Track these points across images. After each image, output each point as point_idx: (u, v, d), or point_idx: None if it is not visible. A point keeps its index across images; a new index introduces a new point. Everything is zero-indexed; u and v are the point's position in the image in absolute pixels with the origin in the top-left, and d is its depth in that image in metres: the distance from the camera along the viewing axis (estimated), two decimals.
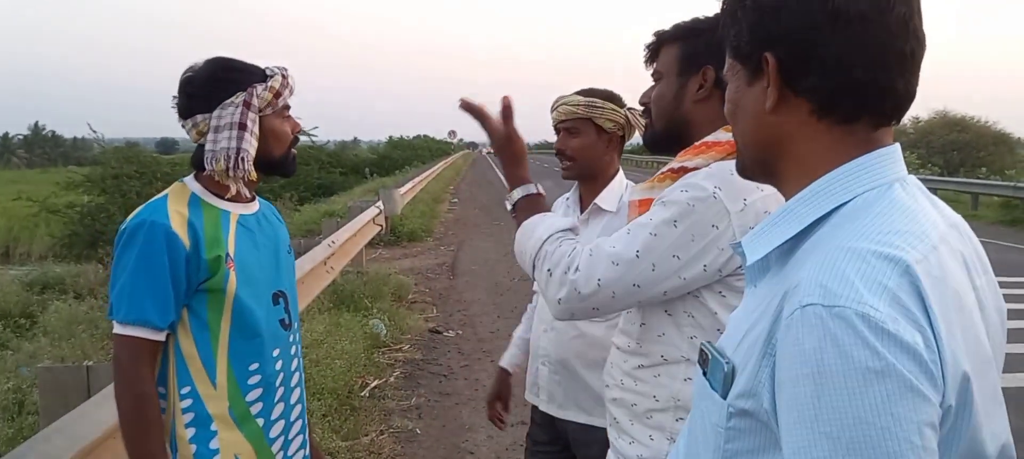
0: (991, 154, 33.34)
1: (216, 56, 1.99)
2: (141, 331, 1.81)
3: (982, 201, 20.83)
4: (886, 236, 0.89)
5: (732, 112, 1.11)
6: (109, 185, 18.38)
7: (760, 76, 1.02)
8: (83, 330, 7.27)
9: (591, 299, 1.64)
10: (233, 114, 1.91)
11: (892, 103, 0.98)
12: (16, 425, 4.79)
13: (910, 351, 0.81)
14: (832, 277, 0.85)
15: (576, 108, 2.44)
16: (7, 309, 9.78)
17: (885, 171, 0.98)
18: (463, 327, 7.89)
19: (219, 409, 1.90)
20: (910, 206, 0.95)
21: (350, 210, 11.42)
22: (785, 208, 1.02)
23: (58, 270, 13.40)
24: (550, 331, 2.48)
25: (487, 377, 6.23)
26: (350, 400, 5.45)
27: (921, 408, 0.81)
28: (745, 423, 0.94)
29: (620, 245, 1.63)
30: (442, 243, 14.44)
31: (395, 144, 62.21)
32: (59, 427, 2.49)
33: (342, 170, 35.32)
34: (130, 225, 1.84)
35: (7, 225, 28.73)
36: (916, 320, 0.83)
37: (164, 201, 1.89)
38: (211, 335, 1.90)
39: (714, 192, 1.58)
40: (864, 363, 0.80)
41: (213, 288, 1.88)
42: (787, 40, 0.98)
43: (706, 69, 1.75)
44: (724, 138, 1.69)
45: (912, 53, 0.97)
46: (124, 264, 1.83)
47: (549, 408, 2.50)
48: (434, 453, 4.83)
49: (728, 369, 0.96)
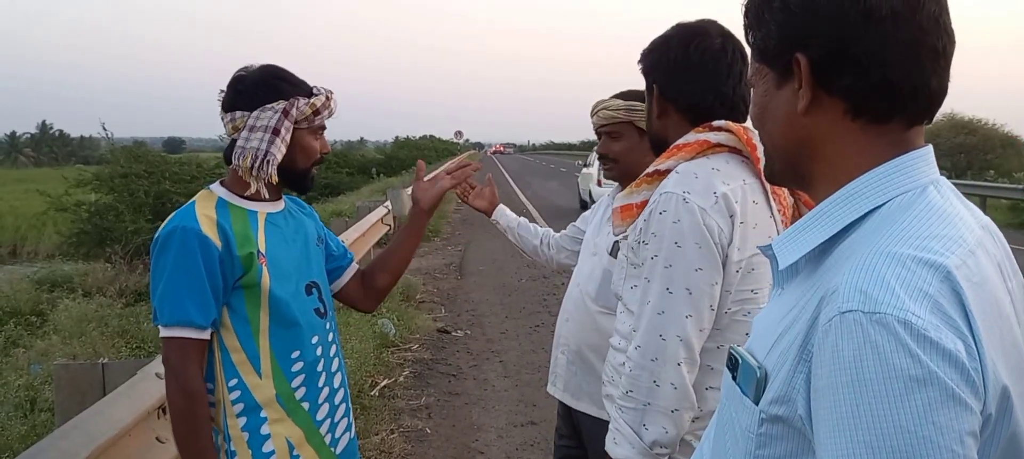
0: (999, 157, 33.19)
1: (270, 64, 2.09)
2: (186, 331, 1.90)
3: (990, 204, 20.72)
4: (925, 241, 0.88)
5: (759, 115, 1.09)
6: (117, 184, 18.39)
7: (790, 78, 1.01)
8: (93, 328, 7.30)
9: (674, 357, 1.71)
10: (270, 118, 1.99)
11: (925, 101, 0.97)
12: (29, 422, 4.81)
13: (952, 359, 0.80)
14: (872, 283, 0.84)
15: (616, 113, 2.48)
16: (18, 307, 9.84)
17: (919, 173, 0.96)
18: (471, 327, 7.90)
19: (267, 397, 1.98)
20: (946, 210, 0.94)
21: (358, 210, 11.44)
22: (818, 211, 1.00)
23: (67, 268, 13.47)
24: (570, 321, 2.51)
25: (496, 377, 6.24)
26: (360, 399, 5.46)
27: (963, 417, 0.80)
28: (778, 429, 0.93)
29: (651, 296, 1.74)
30: (450, 243, 14.45)
31: (402, 144, 62.23)
32: (77, 424, 2.51)
33: (349, 170, 35.33)
34: (163, 233, 1.94)
35: (15, 223, 28.81)
36: (957, 327, 0.82)
37: (192, 207, 1.98)
38: (252, 328, 1.98)
39: (684, 197, 1.73)
40: (906, 371, 0.79)
41: (248, 284, 1.96)
42: (819, 40, 0.97)
43: (654, 87, 1.95)
44: (693, 139, 1.84)
45: (944, 50, 0.96)
46: (161, 270, 1.92)
47: (564, 397, 2.53)
48: (444, 452, 4.84)
49: (761, 374, 0.95)
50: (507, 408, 5.52)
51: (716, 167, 1.78)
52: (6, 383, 5.60)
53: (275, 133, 1.98)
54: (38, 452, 2.29)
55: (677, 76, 1.90)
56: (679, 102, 1.91)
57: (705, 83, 1.89)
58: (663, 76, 1.92)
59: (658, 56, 1.93)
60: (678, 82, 1.90)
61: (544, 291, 9.55)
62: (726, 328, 1.78)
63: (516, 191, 28.91)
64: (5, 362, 6.83)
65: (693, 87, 1.89)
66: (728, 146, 1.83)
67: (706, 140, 1.82)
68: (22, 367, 6.26)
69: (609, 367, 1.99)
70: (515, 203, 23.31)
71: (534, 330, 7.64)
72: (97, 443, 2.43)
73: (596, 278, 2.44)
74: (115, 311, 8.62)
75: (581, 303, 2.47)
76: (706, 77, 1.89)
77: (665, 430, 1.72)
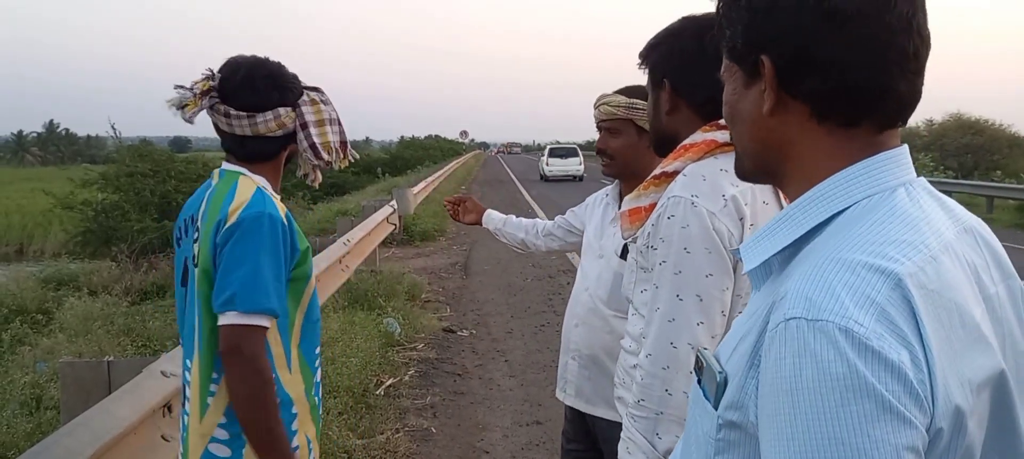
0: (1006, 157, 33.10)
1: (257, 58, 2.05)
2: (263, 320, 1.85)
3: (997, 204, 20.70)
4: (880, 246, 0.85)
5: (730, 115, 1.06)
6: (123, 183, 18.45)
7: (757, 78, 0.98)
8: (99, 326, 7.32)
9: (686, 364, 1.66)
10: (330, 111, 2.06)
11: (895, 105, 0.94)
12: (35, 420, 4.81)
13: (894, 370, 0.77)
14: (818, 289, 0.82)
15: (616, 109, 2.46)
16: (24, 305, 9.87)
17: (888, 175, 0.93)
18: (477, 327, 7.89)
19: (297, 392, 1.98)
20: (911, 213, 0.90)
21: (363, 209, 11.45)
22: (784, 213, 0.98)
23: (73, 267, 13.51)
24: (581, 326, 2.49)
25: (501, 376, 6.23)
26: (365, 398, 5.45)
27: (902, 431, 0.76)
28: (734, 435, 0.91)
29: (661, 302, 1.70)
30: (455, 243, 14.44)
31: (407, 144, 62.35)
32: (82, 422, 2.51)
33: (354, 170, 35.37)
34: (246, 216, 1.87)
35: (21, 222, 28.92)
36: (904, 337, 0.79)
37: (263, 193, 1.94)
38: (288, 322, 1.96)
39: (692, 200, 1.67)
40: (842, 380, 0.77)
41: (297, 278, 1.95)
42: (782, 42, 0.94)
43: (664, 81, 1.85)
44: (700, 139, 1.78)
45: (916, 52, 0.93)
46: (245, 254, 1.84)
47: (577, 403, 2.50)
48: (450, 452, 4.83)
49: (721, 379, 0.92)
50: (512, 407, 5.51)
51: (724, 168, 1.73)
52: (12, 381, 5.61)
53: (330, 122, 2.07)
54: (43, 449, 2.29)
55: (691, 69, 1.81)
56: (693, 96, 1.83)
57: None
58: (676, 70, 1.84)
59: (668, 49, 1.85)
60: (693, 75, 1.81)
61: (549, 291, 9.54)
62: None
63: (520, 190, 28.89)
64: (11, 360, 6.85)
65: (709, 80, 1.81)
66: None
67: (713, 140, 1.77)
68: (28, 365, 6.28)
69: (620, 369, 1.96)
70: (518, 202, 23.31)
71: (539, 330, 7.63)
72: (102, 441, 2.42)
73: (606, 282, 2.42)
74: (121, 309, 8.64)
75: (593, 307, 2.45)
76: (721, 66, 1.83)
77: (678, 439, 1.70)
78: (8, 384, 5.57)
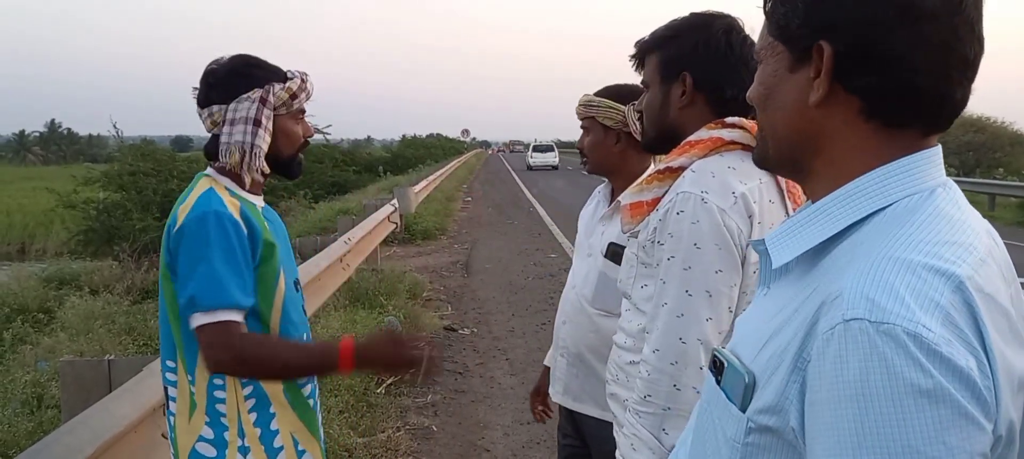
0: (1008, 155, 33.09)
1: (240, 53, 2.04)
2: (231, 314, 1.84)
3: (999, 202, 20.69)
4: (935, 247, 0.82)
5: (764, 96, 1.00)
6: (126, 182, 18.50)
7: (806, 64, 0.93)
8: (100, 325, 7.32)
9: (695, 360, 1.66)
10: (248, 109, 1.95)
11: (948, 112, 0.91)
12: (36, 419, 4.82)
13: (964, 377, 0.75)
14: (880, 290, 0.78)
15: (585, 107, 2.53)
16: (25, 304, 9.89)
17: (926, 176, 0.90)
18: (478, 325, 7.89)
19: (275, 390, 1.97)
20: (955, 215, 0.88)
21: (365, 208, 11.45)
22: (818, 207, 0.93)
23: (75, 266, 13.53)
24: (568, 324, 2.50)
25: (502, 375, 6.23)
26: (366, 397, 5.45)
27: (975, 438, 0.75)
28: (766, 440, 0.87)
29: (668, 297, 1.69)
30: (456, 241, 14.44)
31: (409, 142, 62.31)
32: (82, 420, 2.51)
33: (356, 168, 35.40)
34: (191, 218, 1.87)
35: (23, 221, 28.96)
36: (969, 342, 0.77)
37: (213, 192, 1.93)
38: (262, 320, 1.95)
39: (703, 197, 1.66)
40: (916, 386, 0.74)
41: (264, 275, 1.94)
42: (847, 30, 0.89)
43: (685, 74, 1.81)
44: (706, 136, 1.76)
45: (974, 59, 0.90)
46: (197, 256, 1.84)
47: (564, 400, 2.51)
48: (450, 450, 4.83)
49: (749, 380, 0.89)
50: (513, 406, 5.51)
51: (732, 165, 1.72)
52: (13, 380, 5.61)
53: (257, 124, 1.95)
54: (43, 448, 2.29)
55: (719, 65, 1.78)
56: (717, 93, 1.79)
57: (746, 76, 1.81)
58: (701, 64, 1.79)
59: (693, 42, 1.80)
60: (720, 72, 1.78)
61: (550, 289, 9.53)
62: None
63: (523, 189, 28.90)
64: (13, 359, 6.86)
65: (735, 77, 1.77)
66: (741, 144, 1.76)
67: (719, 137, 1.75)
68: (29, 364, 6.28)
69: (613, 366, 1.95)
70: (521, 200, 23.31)
71: (541, 328, 7.63)
72: (102, 439, 2.43)
73: (592, 281, 2.42)
74: (122, 308, 8.65)
75: (578, 306, 2.46)
76: (746, 69, 1.77)
77: None
78: (9, 383, 5.57)
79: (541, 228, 16.12)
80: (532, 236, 14.87)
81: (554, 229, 15.39)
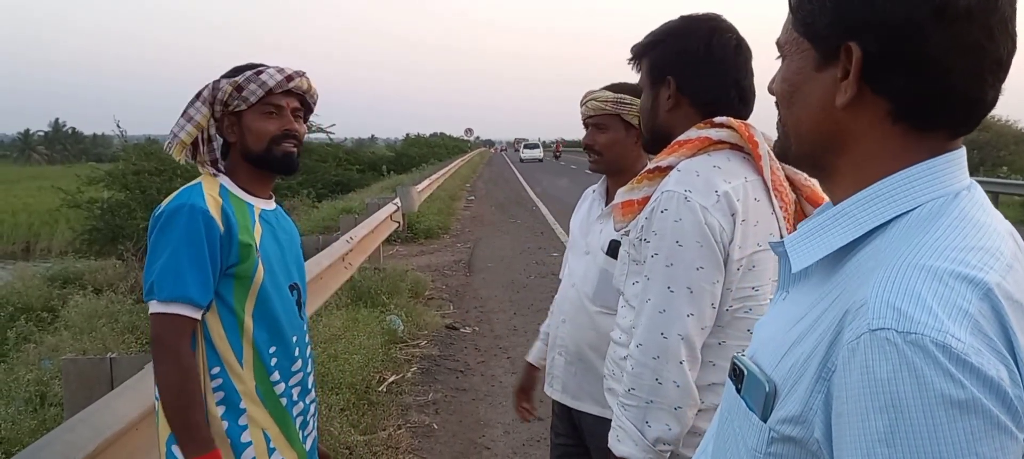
0: (1012, 153, 32.98)
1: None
2: (183, 308, 1.88)
3: (1003, 200, 20.64)
4: (962, 253, 0.80)
5: (788, 94, 0.97)
6: (130, 181, 18.52)
7: (833, 64, 0.90)
8: (104, 324, 7.35)
9: (676, 355, 1.71)
10: (189, 106, 2.04)
11: (979, 114, 0.89)
12: (39, 417, 4.84)
13: (994, 387, 0.74)
14: (906, 298, 0.77)
15: (604, 104, 2.49)
16: (29, 303, 9.92)
17: (952, 178, 0.88)
18: (480, 324, 7.90)
19: (247, 388, 1.99)
20: (981, 219, 0.86)
21: (368, 207, 11.46)
22: (839, 210, 0.91)
23: (79, 265, 13.56)
24: (567, 322, 2.51)
25: (503, 373, 6.24)
26: (368, 395, 5.47)
27: (1008, 448, 0.73)
28: (789, 450, 0.85)
29: (652, 294, 1.74)
30: (459, 240, 14.46)
31: (412, 141, 62.25)
32: (83, 417, 2.53)
33: (359, 167, 35.37)
34: (168, 208, 1.93)
35: (28, 220, 29.02)
36: (999, 351, 0.75)
37: (199, 187, 1.98)
38: (237, 319, 1.98)
39: (686, 195, 1.71)
40: (948, 397, 0.73)
41: (240, 275, 1.97)
42: (879, 31, 0.86)
43: (668, 79, 1.88)
44: (694, 136, 1.81)
45: (1007, 58, 0.87)
46: (164, 245, 1.90)
47: (563, 398, 2.52)
48: (451, 448, 4.85)
49: (770, 389, 0.87)
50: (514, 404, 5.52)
51: (717, 164, 1.77)
52: (17, 378, 5.64)
53: (187, 119, 2.03)
54: (44, 445, 2.31)
55: (698, 70, 1.85)
56: (698, 97, 1.87)
57: (727, 78, 1.87)
58: (682, 69, 1.86)
59: (674, 47, 1.88)
60: (700, 76, 1.85)
61: (552, 289, 9.49)
62: (727, 325, 1.78)
63: (525, 188, 28.90)
64: (16, 357, 6.88)
65: (715, 82, 1.86)
66: (729, 143, 1.81)
67: (707, 137, 1.81)
68: (33, 362, 6.31)
69: (610, 362, 1.99)
70: (524, 199, 23.31)
71: None
72: (103, 437, 2.45)
73: (592, 278, 2.43)
74: (125, 307, 8.66)
75: (578, 303, 2.47)
76: (727, 72, 1.87)
77: (668, 427, 1.73)
78: (13, 381, 5.60)
79: (544, 227, 16.13)
80: (535, 235, 14.89)
81: (557, 228, 15.39)
